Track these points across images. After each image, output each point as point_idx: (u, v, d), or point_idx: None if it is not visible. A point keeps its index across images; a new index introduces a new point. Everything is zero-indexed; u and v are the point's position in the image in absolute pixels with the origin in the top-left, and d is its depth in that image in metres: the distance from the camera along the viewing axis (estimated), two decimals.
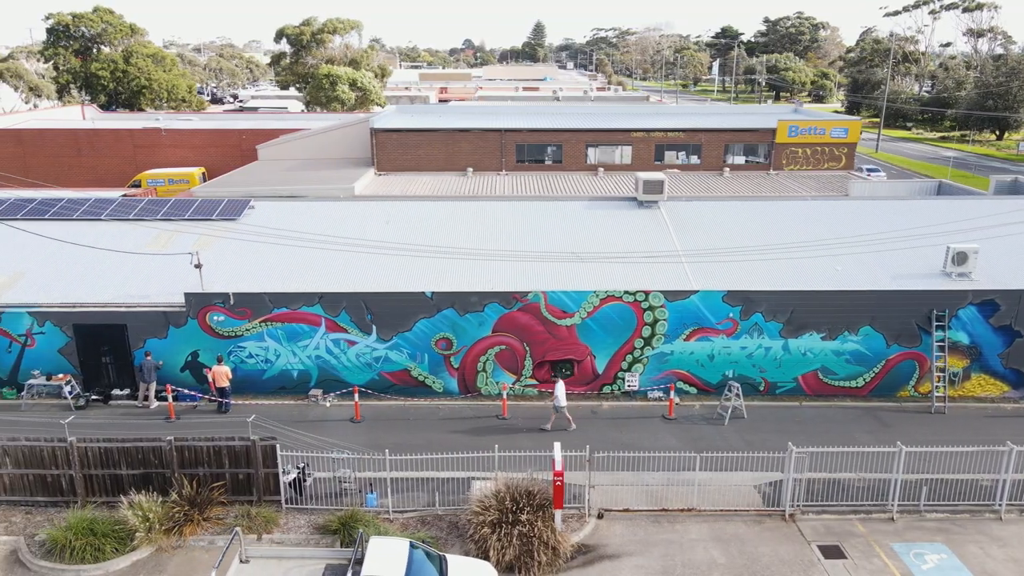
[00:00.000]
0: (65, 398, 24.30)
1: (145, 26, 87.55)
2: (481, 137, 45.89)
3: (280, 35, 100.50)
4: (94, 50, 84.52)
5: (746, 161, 46.58)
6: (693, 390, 25.07)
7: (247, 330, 24.37)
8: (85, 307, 24.19)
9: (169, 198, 31.61)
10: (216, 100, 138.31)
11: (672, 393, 23.87)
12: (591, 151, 46.44)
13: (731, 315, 24.22)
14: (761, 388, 24.93)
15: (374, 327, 24.40)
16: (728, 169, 45.94)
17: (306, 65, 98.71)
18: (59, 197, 31.42)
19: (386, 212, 30.27)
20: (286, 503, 18.85)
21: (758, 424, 23.31)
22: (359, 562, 15.19)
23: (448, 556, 15.55)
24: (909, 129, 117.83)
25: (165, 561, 17.05)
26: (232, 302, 24.03)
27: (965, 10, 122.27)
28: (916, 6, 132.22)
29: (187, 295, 24.06)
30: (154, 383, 24.16)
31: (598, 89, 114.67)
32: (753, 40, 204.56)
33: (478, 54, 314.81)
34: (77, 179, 55.37)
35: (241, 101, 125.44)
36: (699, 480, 19.15)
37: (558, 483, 17.30)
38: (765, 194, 39.43)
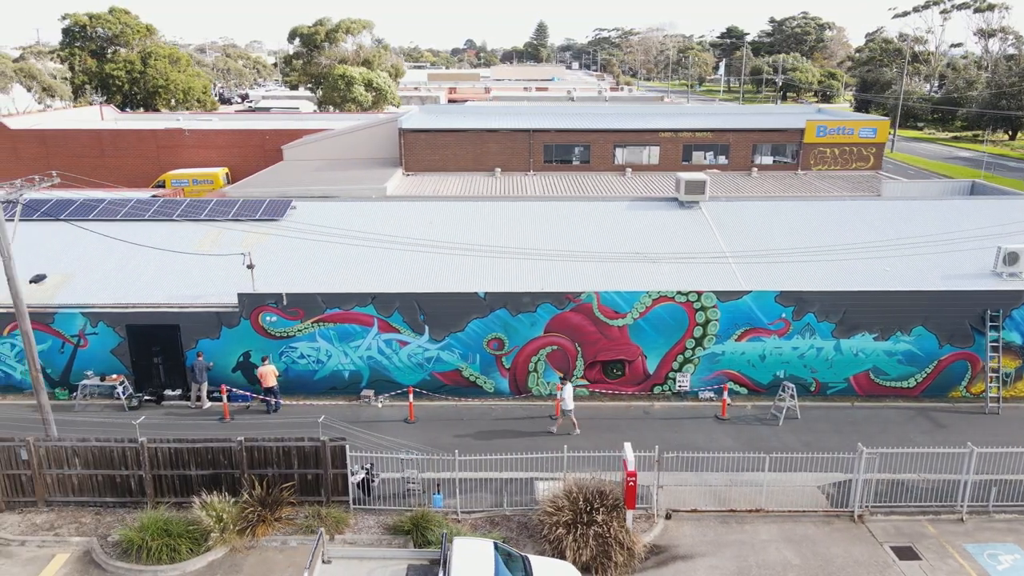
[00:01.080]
0: (118, 398, 24.33)
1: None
2: (509, 137, 45.89)
3: (293, 35, 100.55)
4: (109, 51, 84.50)
5: (774, 161, 46.57)
6: (744, 390, 25.08)
7: (299, 330, 24.38)
8: (138, 307, 24.22)
9: (210, 199, 31.61)
10: (224, 100, 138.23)
11: (726, 394, 23.87)
12: (619, 151, 46.43)
13: (783, 315, 24.22)
14: (812, 388, 24.93)
15: (426, 327, 24.41)
16: (756, 169, 45.92)
17: (319, 65, 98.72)
18: (100, 198, 31.46)
19: (428, 212, 30.30)
20: (353, 503, 18.87)
21: (812, 425, 23.31)
22: (439, 562, 15.23)
23: (530, 557, 15.55)
24: (920, 129, 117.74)
25: (240, 561, 17.06)
26: (285, 302, 24.04)
27: (976, 10, 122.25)
28: (926, 6, 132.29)
29: (240, 295, 24.08)
30: (206, 383, 24.19)
31: (611, 89, 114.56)
32: (758, 40, 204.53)
33: (481, 54, 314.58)
34: (101, 179, 55.40)
35: (251, 101, 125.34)
36: (762, 481, 19.18)
37: (631, 483, 17.30)
38: (795, 194, 39.42)
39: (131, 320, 24.18)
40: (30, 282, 24.46)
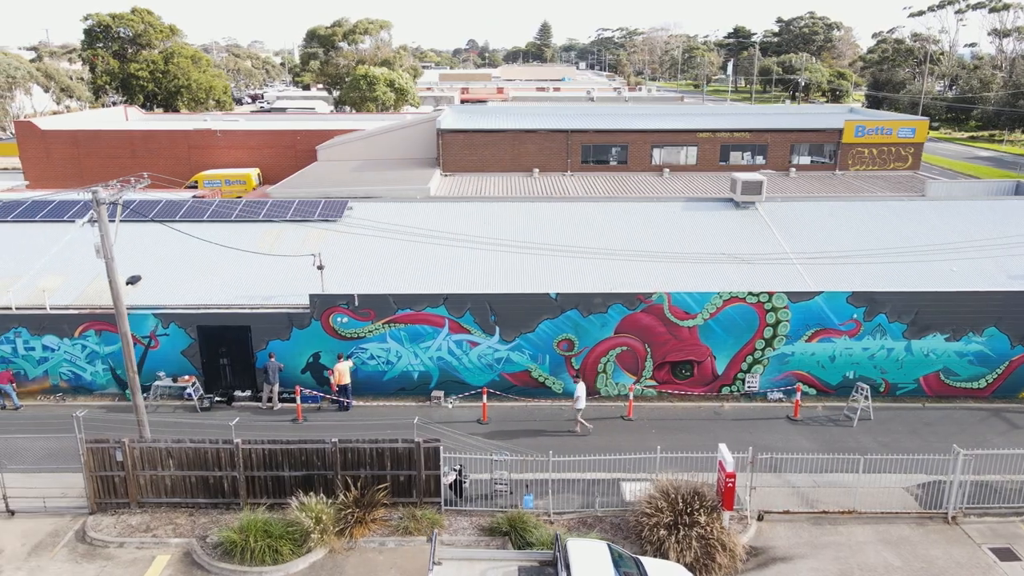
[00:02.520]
0: (188, 399, 24.36)
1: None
2: (547, 138, 45.88)
3: (311, 36, 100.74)
4: (129, 51, 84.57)
5: (811, 161, 46.53)
6: (812, 391, 25.06)
7: (370, 331, 24.39)
8: (209, 308, 24.23)
9: (266, 199, 31.61)
10: (235, 100, 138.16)
11: (799, 394, 23.87)
12: (656, 152, 46.41)
13: (855, 316, 24.20)
14: (882, 389, 24.91)
15: (497, 328, 24.42)
16: (794, 169, 45.87)
17: (337, 66, 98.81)
18: (157, 199, 31.48)
19: (485, 212, 30.29)
20: (444, 505, 18.87)
21: (886, 426, 23.29)
22: (550, 563, 15.25)
23: (641, 558, 15.55)
24: (936, 129, 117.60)
25: (341, 563, 17.07)
26: (356, 303, 24.05)
27: (992, 10, 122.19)
28: (941, 6, 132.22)
29: (312, 296, 24.09)
30: (277, 384, 24.20)
31: (630, 89, 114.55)
32: (765, 40, 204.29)
33: (485, 54, 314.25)
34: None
35: (265, 101, 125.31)
36: (850, 482, 19.18)
37: (730, 484, 17.30)
38: (836, 194, 39.37)
39: (202, 321, 24.20)
40: (127, 283, 24.49)
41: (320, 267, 24.46)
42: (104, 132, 56.75)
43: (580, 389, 22.67)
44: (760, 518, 18.61)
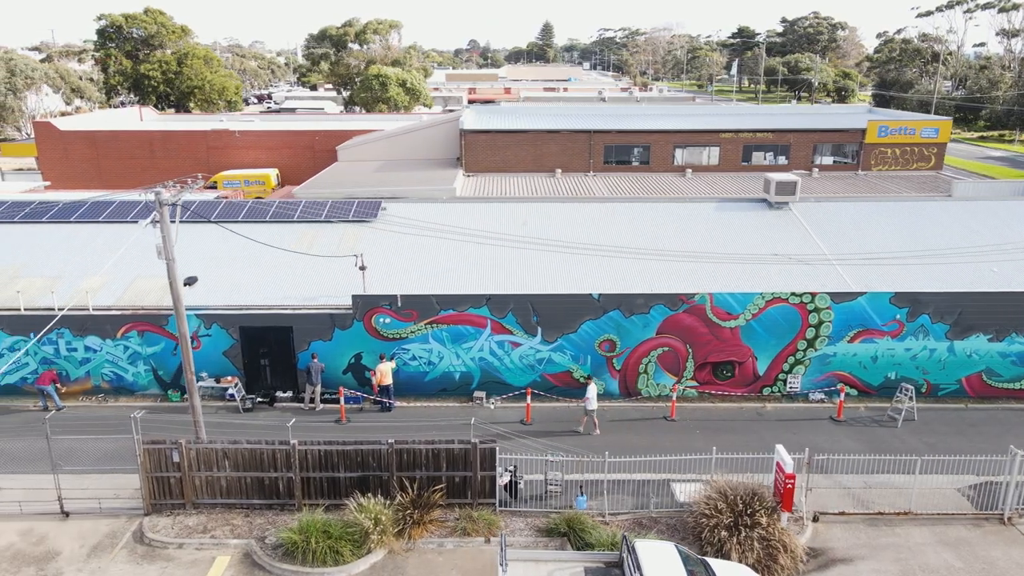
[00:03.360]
0: (229, 400, 24.35)
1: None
2: (569, 138, 45.87)
3: (322, 36, 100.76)
4: (141, 51, 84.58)
5: (834, 162, 46.51)
6: (854, 392, 25.03)
7: (412, 332, 24.38)
8: (252, 309, 24.22)
9: (299, 200, 31.60)
10: (243, 101, 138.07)
11: (842, 395, 23.85)
12: (678, 152, 46.40)
13: (897, 316, 24.18)
14: (923, 390, 24.88)
15: (539, 329, 24.41)
16: (817, 170, 45.85)
17: (348, 66, 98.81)
18: (191, 200, 31.45)
19: (519, 212, 30.28)
20: (499, 505, 18.86)
21: (931, 427, 23.27)
22: (616, 564, 15.25)
23: (708, 559, 15.53)
24: None
25: (401, 564, 17.06)
26: (399, 304, 24.04)
27: (1001, 10, 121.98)
28: (950, 6, 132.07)
29: (354, 297, 24.09)
30: (319, 385, 24.18)
31: (640, 90, 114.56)
32: (769, 40, 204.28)
33: (487, 55, 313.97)
34: (151, 181, 55.44)
35: (273, 102, 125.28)
36: (903, 483, 19.16)
37: (789, 485, 17.28)
38: (862, 194, 39.35)
39: (245, 322, 24.19)
40: (184, 284, 24.46)
41: (362, 268, 24.46)
42: (123, 133, 56.76)
43: (592, 390, 22.69)
44: (815, 519, 18.59)
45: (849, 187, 42.46)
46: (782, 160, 46.39)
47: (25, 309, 24.07)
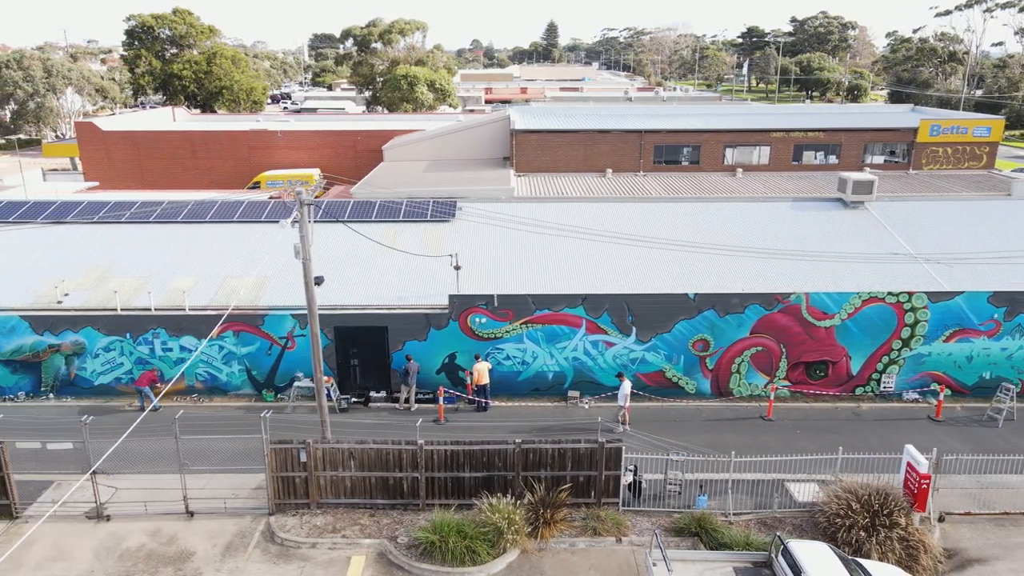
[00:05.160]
0: (329, 399, 24.31)
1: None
2: (621, 138, 45.79)
3: (346, 36, 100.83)
4: (168, 51, 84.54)
5: (885, 161, 46.39)
6: (948, 392, 24.96)
7: (507, 332, 24.35)
8: (347, 309, 24.20)
9: (373, 200, 31.54)
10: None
11: (942, 395, 23.80)
12: (728, 152, 46.31)
13: (995, 316, 24.12)
14: (1018, 390, 24.79)
15: (634, 328, 24.37)
16: (868, 169, 45.71)
17: (372, 66, 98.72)
18: (263, 201, 31.48)
19: (594, 211, 30.23)
20: (622, 505, 18.83)
21: None
22: (766, 565, 15.22)
23: (860, 560, 15.49)
24: None
25: (537, 563, 17.03)
26: (496, 304, 24.02)
27: (1021, 10, 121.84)
28: (968, 5, 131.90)
29: (451, 297, 24.06)
30: (414, 386, 24.12)
31: (656, 89, 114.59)
32: (777, 40, 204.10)
33: (493, 55, 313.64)
34: (192, 181, 55.53)
35: (293, 102, 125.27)
36: (1014, 483, 19.11)
37: (924, 486, 17.27)
38: (920, 193, 39.17)
39: (340, 322, 24.17)
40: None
41: (457, 267, 24.43)
42: (165, 133, 56.76)
43: (626, 387, 22.77)
44: (941, 519, 18.55)
45: (904, 186, 42.28)
46: (832, 159, 46.27)
47: (121, 309, 24.06)
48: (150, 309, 24.03)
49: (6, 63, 71.19)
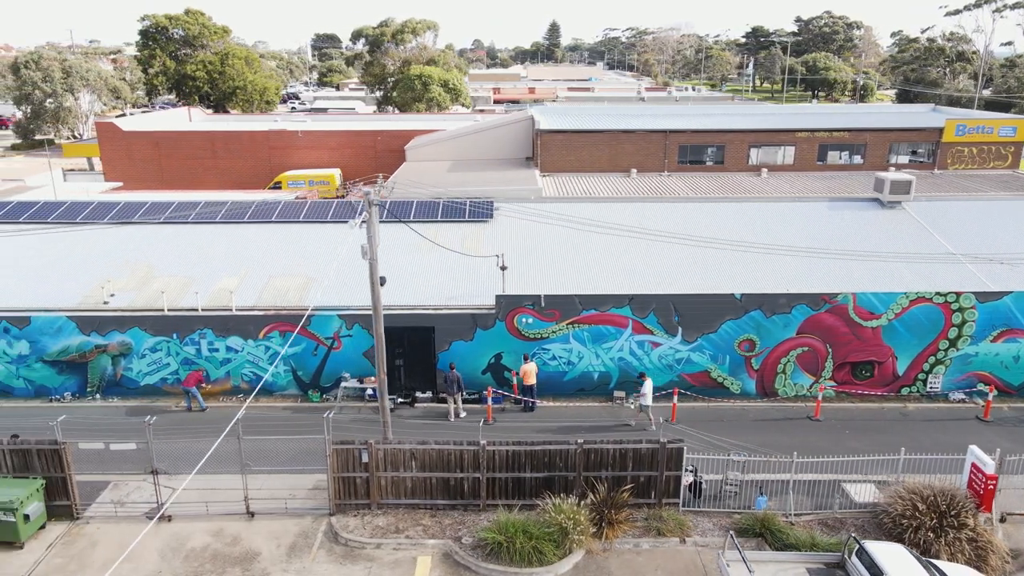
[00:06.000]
0: (370, 400, 24.31)
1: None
2: (645, 138, 45.76)
3: (358, 35, 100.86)
4: (181, 52, 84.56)
5: (909, 160, 46.35)
6: (995, 392, 24.91)
7: (553, 332, 24.33)
8: (394, 309, 24.16)
9: (410, 200, 31.51)
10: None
11: (991, 395, 23.77)
12: (753, 152, 46.28)
13: None
14: None
15: (680, 329, 24.35)
16: (893, 168, 45.67)
17: (384, 66, 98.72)
18: (301, 201, 31.46)
19: (630, 211, 30.19)
20: (682, 505, 18.81)
21: None
22: (839, 566, 15.19)
23: (935, 562, 15.46)
24: None
25: (603, 563, 17.01)
26: (543, 304, 23.99)
27: None
28: (977, 5, 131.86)
29: (498, 297, 24.04)
30: (460, 394, 23.85)
31: (675, 90, 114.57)
32: (782, 40, 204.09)
33: (495, 55, 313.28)
34: (212, 181, 55.54)
35: (301, 102, 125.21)
36: None
37: (991, 487, 17.26)
38: (948, 193, 39.15)
39: (386, 322, 24.05)
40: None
41: (503, 268, 24.42)
42: (185, 133, 56.80)
43: (647, 386, 22.85)
44: (1003, 519, 18.52)
45: (932, 186, 42.24)
46: (857, 159, 46.24)
47: (168, 310, 24.04)
48: (197, 309, 24.01)
49: (24, 63, 71.21)
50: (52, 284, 25.23)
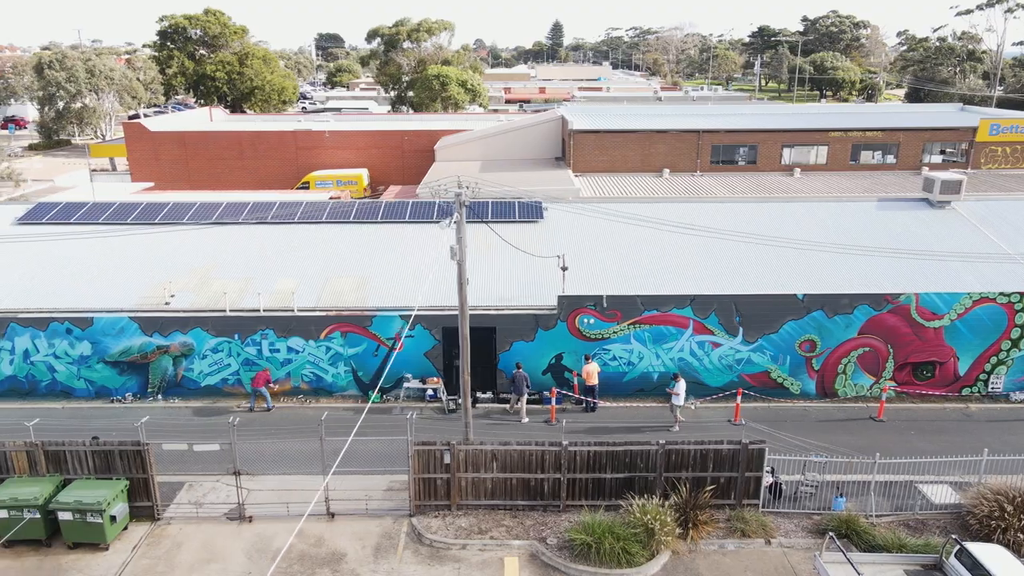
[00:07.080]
0: (431, 400, 24.32)
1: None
2: (677, 138, 45.71)
3: (373, 35, 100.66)
4: (199, 52, 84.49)
5: (943, 160, 46.29)
6: None
7: (614, 332, 24.30)
8: (455, 310, 24.08)
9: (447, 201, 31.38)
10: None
11: None
12: (786, 151, 46.22)
13: None
14: None
15: (741, 329, 24.31)
16: (926, 168, 45.60)
17: (399, 66, 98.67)
18: (348, 201, 31.44)
19: (681, 212, 30.13)
20: (762, 506, 18.77)
21: None
22: (936, 567, 15.16)
23: None
24: None
25: (690, 564, 16.98)
26: (605, 304, 23.96)
27: None
28: (990, 4, 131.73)
29: (560, 297, 24.02)
30: (526, 395, 23.82)
31: (692, 89, 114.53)
32: (788, 39, 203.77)
33: (499, 55, 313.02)
34: (239, 181, 55.54)
35: (311, 102, 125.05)
36: None
37: None
38: (987, 193, 39.11)
39: (448, 323, 24.11)
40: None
41: (564, 268, 24.37)
42: (212, 134, 56.81)
43: (680, 387, 22.86)
44: None
45: (969, 186, 42.12)
46: (890, 159, 46.19)
47: (230, 310, 24.02)
48: (259, 310, 23.99)
49: (48, 63, 71.21)
50: (112, 285, 25.22)
